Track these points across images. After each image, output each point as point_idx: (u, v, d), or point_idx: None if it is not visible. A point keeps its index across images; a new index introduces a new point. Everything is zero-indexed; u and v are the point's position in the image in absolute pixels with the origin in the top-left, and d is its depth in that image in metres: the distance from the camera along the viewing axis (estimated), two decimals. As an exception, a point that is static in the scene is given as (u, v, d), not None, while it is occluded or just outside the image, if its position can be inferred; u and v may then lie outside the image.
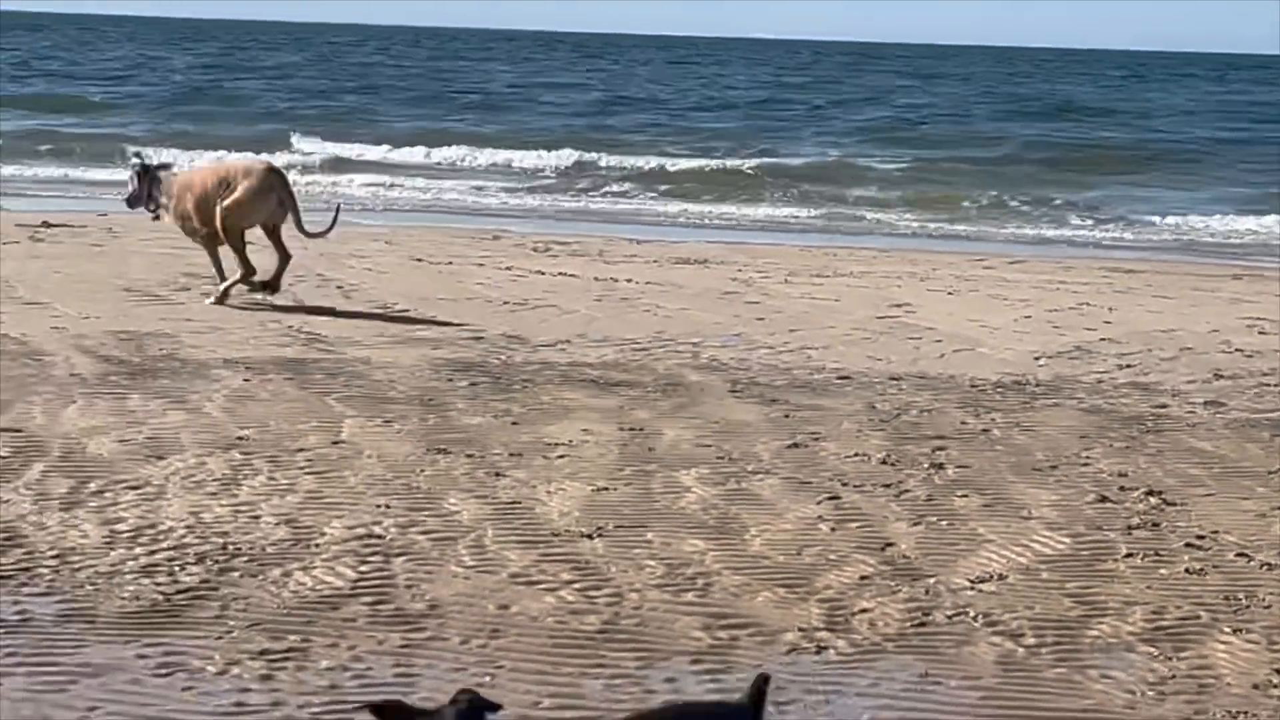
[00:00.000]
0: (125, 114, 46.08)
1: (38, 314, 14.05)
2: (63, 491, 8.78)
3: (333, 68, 77.82)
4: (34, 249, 18.48)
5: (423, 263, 18.58)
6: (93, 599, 7.24)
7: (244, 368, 12.10)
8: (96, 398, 10.96)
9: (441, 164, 36.22)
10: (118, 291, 15.48)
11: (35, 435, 9.90)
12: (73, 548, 7.90)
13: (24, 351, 12.36)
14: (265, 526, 8.34)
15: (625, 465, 9.81)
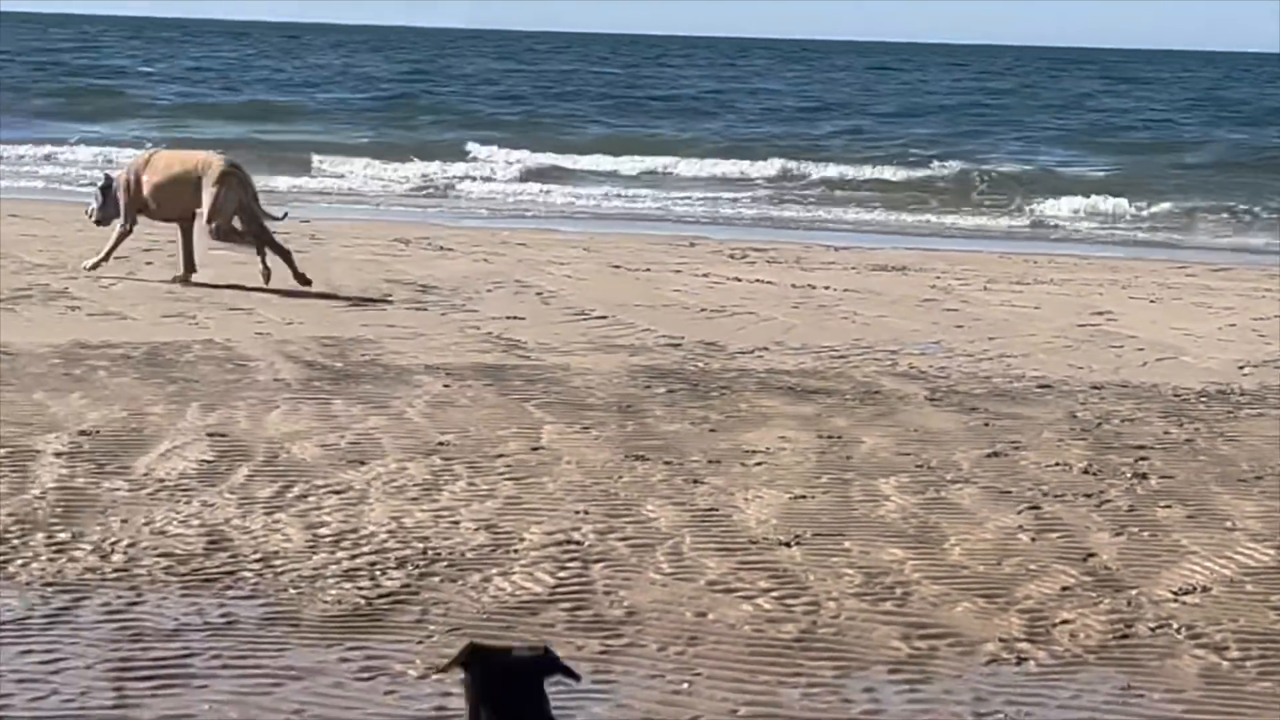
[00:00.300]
0: (321, 121, 46.64)
1: (242, 320, 14.29)
2: (267, 495, 8.91)
3: (533, 75, 78.31)
4: (239, 255, 18.73)
5: (620, 269, 18.65)
6: (296, 602, 7.34)
7: (444, 374, 12.21)
8: (300, 403, 11.11)
9: (639, 171, 36.28)
10: (320, 298, 15.68)
11: (240, 439, 10.05)
12: (276, 551, 8.01)
13: (229, 356, 12.57)
14: (465, 532, 8.41)
15: (823, 473, 9.78)
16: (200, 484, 9.05)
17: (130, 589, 7.39)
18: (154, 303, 14.91)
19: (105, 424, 10.23)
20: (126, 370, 11.87)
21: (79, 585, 7.41)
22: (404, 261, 18.65)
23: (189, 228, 16.47)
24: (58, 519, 8.29)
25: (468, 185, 33.28)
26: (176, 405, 10.83)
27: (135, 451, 9.63)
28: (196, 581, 7.54)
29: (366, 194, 31.25)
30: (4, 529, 8.09)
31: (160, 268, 17.12)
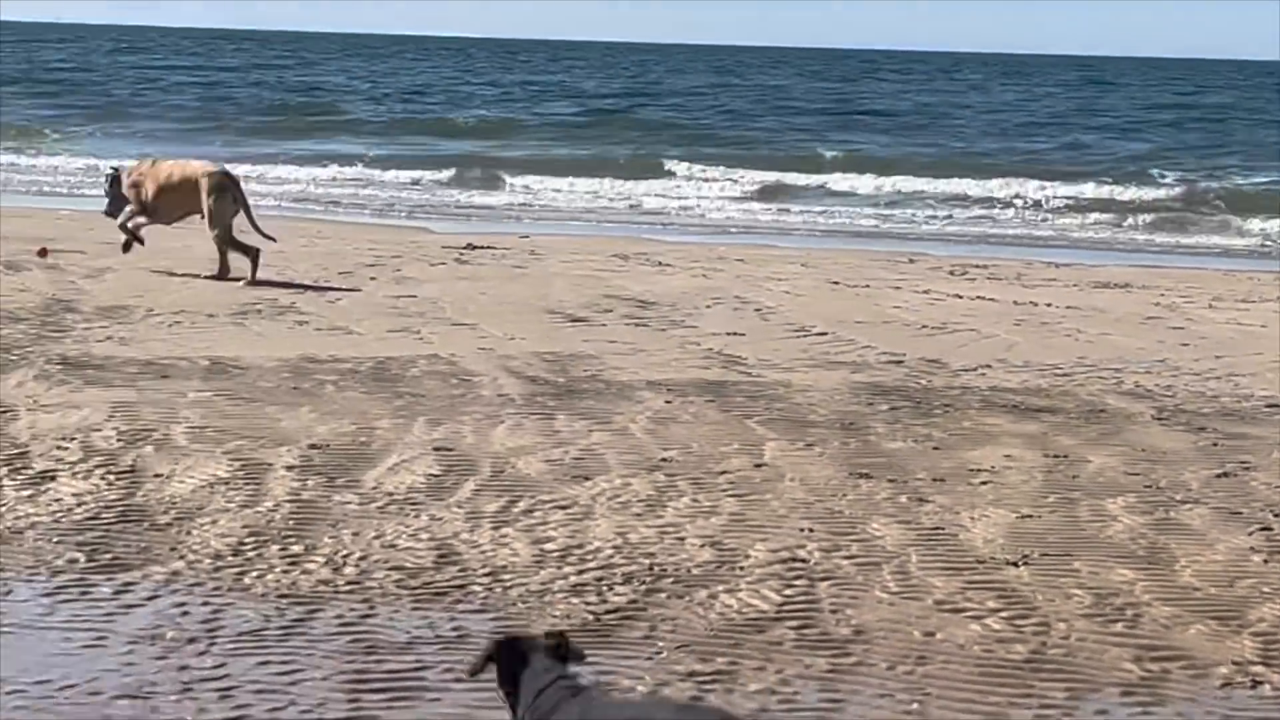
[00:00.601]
0: (536, 136, 46.98)
1: (465, 335, 14.43)
2: (494, 510, 8.99)
3: (746, 89, 78.30)
4: (459, 270, 18.99)
5: (839, 285, 18.60)
6: (525, 617, 7.40)
7: (666, 389, 12.25)
8: (524, 418, 11.20)
9: (853, 187, 36.12)
10: (541, 313, 15.81)
11: (466, 453, 10.15)
12: (504, 565, 8.08)
13: (453, 371, 12.70)
14: (690, 548, 8.42)
15: (1049, 492, 9.68)
16: (428, 498, 9.16)
17: (363, 601, 7.49)
18: (379, 317, 15.11)
19: (334, 438, 10.39)
20: (354, 385, 12.04)
21: (313, 597, 7.52)
22: (623, 277, 18.75)
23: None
24: (291, 532, 8.44)
25: (683, 201, 33.34)
26: (403, 419, 10.97)
27: (364, 465, 9.77)
28: (427, 595, 7.62)
29: (583, 210, 31.43)
30: (239, 541, 8.24)
31: (385, 284, 17.36)
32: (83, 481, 9.18)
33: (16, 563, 7.83)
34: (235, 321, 14.59)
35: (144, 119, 50.39)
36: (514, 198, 33.00)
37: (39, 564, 7.83)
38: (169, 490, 9.06)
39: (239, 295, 16.04)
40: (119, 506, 8.76)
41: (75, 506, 8.73)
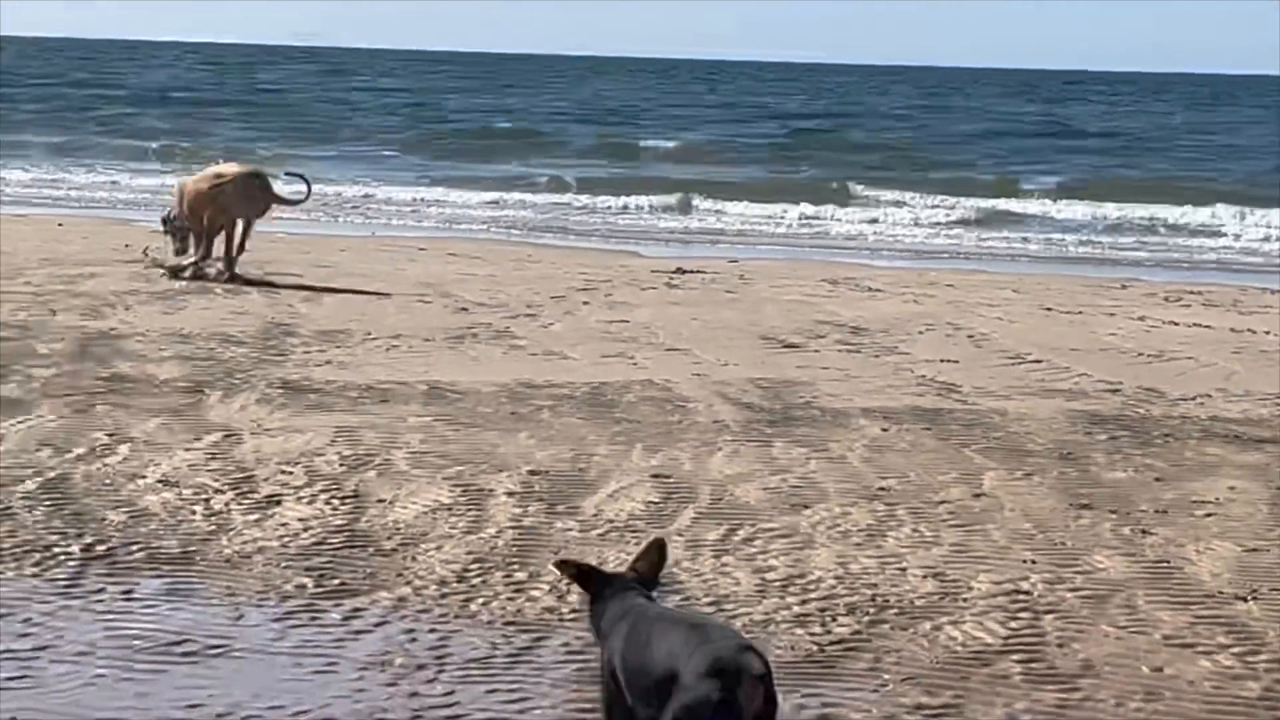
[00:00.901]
0: (740, 158, 47.00)
1: (678, 360, 14.46)
2: (714, 538, 9.00)
3: (946, 111, 77.81)
4: (670, 295, 19.04)
5: (1052, 312, 18.42)
6: (749, 646, 7.39)
7: (881, 417, 12.19)
8: (741, 444, 11.21)
9: (1061, 213, 35.71)
10: (754, 338, 15.81)
11: (684, 481, 10.17)
12: (727, 594, 8.09)
13: (667, 397, 12.73)
14: (913, 579, 8.38)
15: (1276, 525, 9.51)
16: (648, 525, 9.18)
17: (588, 630, 7.52)
18: (592, 342, 15.19)
19: (553, 464, 10.46)
20: (570, 410, 12.11)
21: (538, 625, 7.58)
22: (833, 302, 18.70)
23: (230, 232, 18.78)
24: (514, 558, 8.50)
25: (887, 225, 33.18)
26: (621, 446, 11.02)
27: (583, 492, 9.82)
28: (651, 623, 7.64)
29: (785, 234, 31.37)
30: (464, 567, 8.32)
31: (598, 308, 17.45)
32: (308, 506, 9.32)
33: (246, 587, 7.96)
34: (451, 346, 14.74)
35: (349, 141, 51.05)
36: (721, 222, 32.99)
37: (268, 589, 7.96)
38: (393, 515, 9.17)
39: (455, 320, 16.20)
40: (345, 531, 8.88)
41: (301, 531, 8.86)
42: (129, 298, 16.79)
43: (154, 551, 8.41)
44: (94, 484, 9.57)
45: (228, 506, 9.23)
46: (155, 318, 15.61)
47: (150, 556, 8.34)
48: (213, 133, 50.64)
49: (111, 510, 9.06)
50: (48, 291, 16.94)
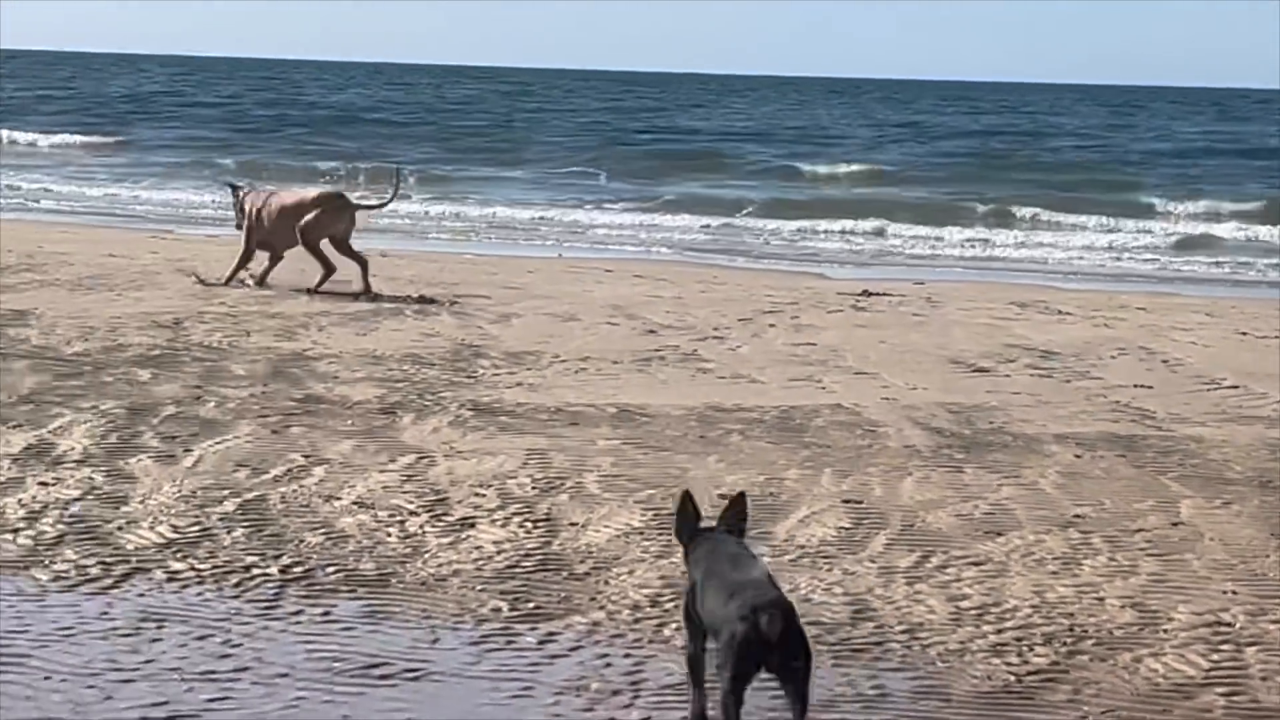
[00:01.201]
0: (898, 181, 46.72)
1: (866, 384, 14.39)
2: (906, 564, 8.94)
3: (1139, 129, 76.88)
4: (857, 317, 18.97)
5: (1247, 336, 18.14)
6: (945, 676, 7.34)
7: (1074, 443, 12.06)
8: (931, 470, 11.13)
9: (1255, 236, 35.16)
10: (942, 362, 15.70)
11: (875, 507, 10.12)
12: (921, 623, 8.03)
13: (856, 422, 12.67)
14: (1110, 609, 8.27)
15: None
16: (840, 551, 9.15)
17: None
18: (780, 365, 15.16)
19: (743, 488, 10.41)
20: (759, 434, 12.09)
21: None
22: (1023, 325, 18.54)
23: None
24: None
25: (1077, 249, 32.84)
26: (811, 470, 10.98)
27: (774, 517, 9.79)
28: (845, 651, 7.61)
29: (970, 257, 31.17)
30: (657, 592, 8.31)
31: (785, 330, 17.43)
32: (501, 529, 9.37)
33: (442, 610, 8.02)
34: (640, 368, 14.77)
35: (528, 163, 51.34)
36: (906, 244, 32.85)
37: (464, 611, 8.00)
38: (585, 539, 9.20)
39: (642, 342, 16.24)
40: (538, 555, 8.91)
41: (495, 554, 8.91)
42: (321, 319, 17.00)
43: (351, 573, 8.50)
44: (291, 505, 9.68)
45: (422, 529, 9.31)
46: (348, 339, 15.80)
47: (347, 578, 8.43)
48: (399, 153, 51.19)
49: (309, 531, 9.16)
50: (242, 313, 17.19)
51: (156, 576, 8.34)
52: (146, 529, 9.10)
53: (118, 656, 7.22)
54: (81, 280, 19.29)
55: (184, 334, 15.59)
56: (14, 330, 15.33)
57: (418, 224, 34.11)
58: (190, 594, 8.11)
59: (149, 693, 6.84)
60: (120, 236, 25.12)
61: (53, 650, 7.26)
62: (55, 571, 8.36)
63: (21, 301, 17.27)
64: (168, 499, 9.70)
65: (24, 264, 20.62)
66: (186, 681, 6.97)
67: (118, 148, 53.58)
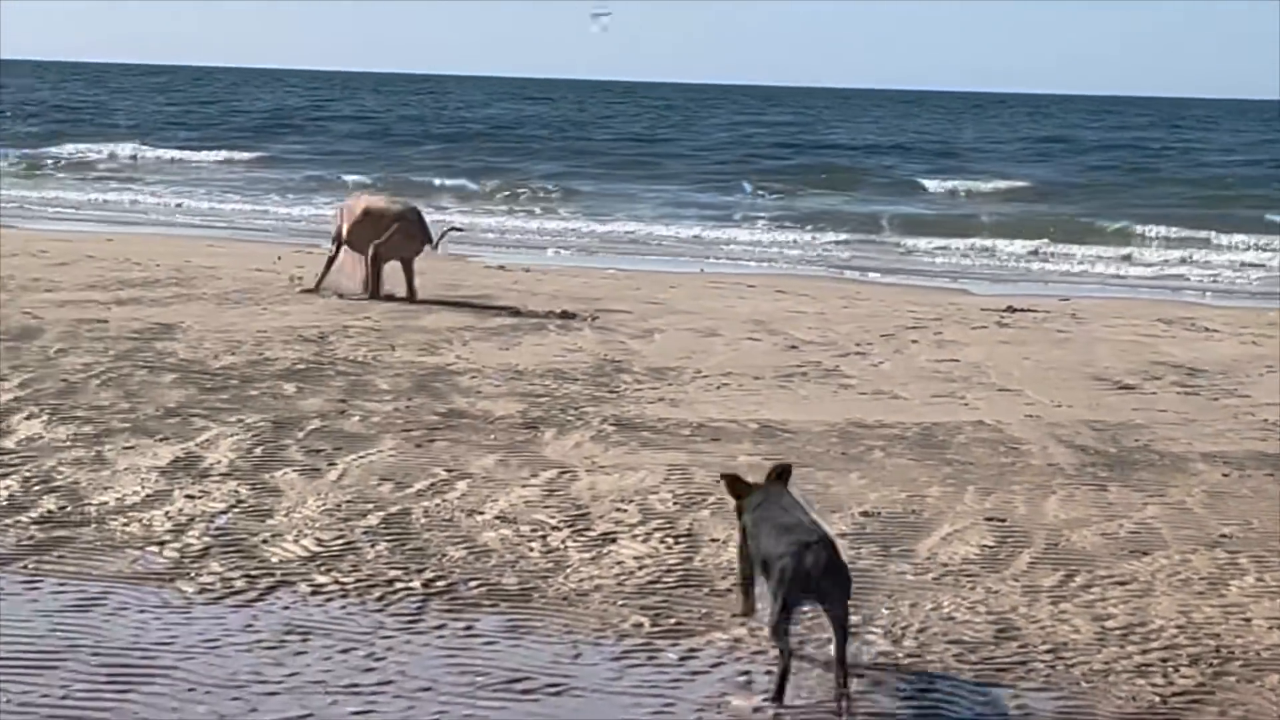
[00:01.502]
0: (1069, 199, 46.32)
1: (1010, 401, 14.29)
2: (1050, 584, 8.87)
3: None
4: (1000, 334, 18.85)
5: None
6: (1089, 697, 7.28)
7: (1221, 462, 11.92)
8: (1075, 488, 11.04)
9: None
10: (1087, 379, 15.57)
11: (1019, 525, 10.05)
12: (1065, 642, 7.96)
13: (1000, 439, 12.59)
14: (1257, 629, 8.18)
15: None
16: (983, 569, 9.09)
17: (923, 675, 7.47)
18: (922, 382, 15.09)
19: (885, 505, 10.41)
20: (901, 451, 12.04)
21: (874, 668, 7.53)
22: (1168, 343, 18.35)
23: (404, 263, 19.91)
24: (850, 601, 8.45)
25: (1220, 265, 32.44)
26: (953, 488, 10.92)
27: (917, 534, 9.75)
28: (989, 670, 7.56)
29: (1114, 276, 30.85)
30: (798, 609, 8.29)
31: (927, 347, 17.35)
32: (643, 544, 9.38)
33: (584, 625, 8.04)
34: (781, 384, 14.75)
35: (670, 178, 51.32)
36: (1049, 261, 32.57)
37: (606, 627, 8.02)
38: (726, 555, 9.18)
39: (784, 358, 16.22)
40: (679, 570, 8.92)
41: (637, 569, 8.92)
42: (465, 334, 17.10)
43: (493, 588, 8.54)
44: (434, 519, 9.75)
45: (564, 544, 9.34)
46: (490, 354, 15.88)
47: (489, 592, 8.47)
48: (541, 168, 51.42)
49: (451, 546, 9.21)
50: (386, 327, 17.33)
51: (301, 589, 8.42)
52: (291, 542, 9.19)
53: (262, 669, 7.30)
54: (228, 294, 19.52)
55: (329, 348, 15.74)
56: (161, 344, 15.53)
57: (559, 239, 34.24)
58: (334, 607, 8.18)
59: (293, 705, 6.90)
60: (264, 251, 25.36)
61: (198, 662, 7.35)
62: (201, 584, 8.46)
63: (169, 315, 17.50)
64: (312, 512, 9.79)
65: (172, 278, 20.90)
66: (330, 694, 7.03)
67: (257, 164, 54.13)
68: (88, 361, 14.35)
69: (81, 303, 18.25)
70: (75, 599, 8.14)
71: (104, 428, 11.81)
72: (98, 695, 6.94)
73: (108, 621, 7.85)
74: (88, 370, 13.91)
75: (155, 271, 21.53)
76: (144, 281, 20.46)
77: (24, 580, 8.41)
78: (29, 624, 7.74)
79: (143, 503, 9.89)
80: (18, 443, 11.28)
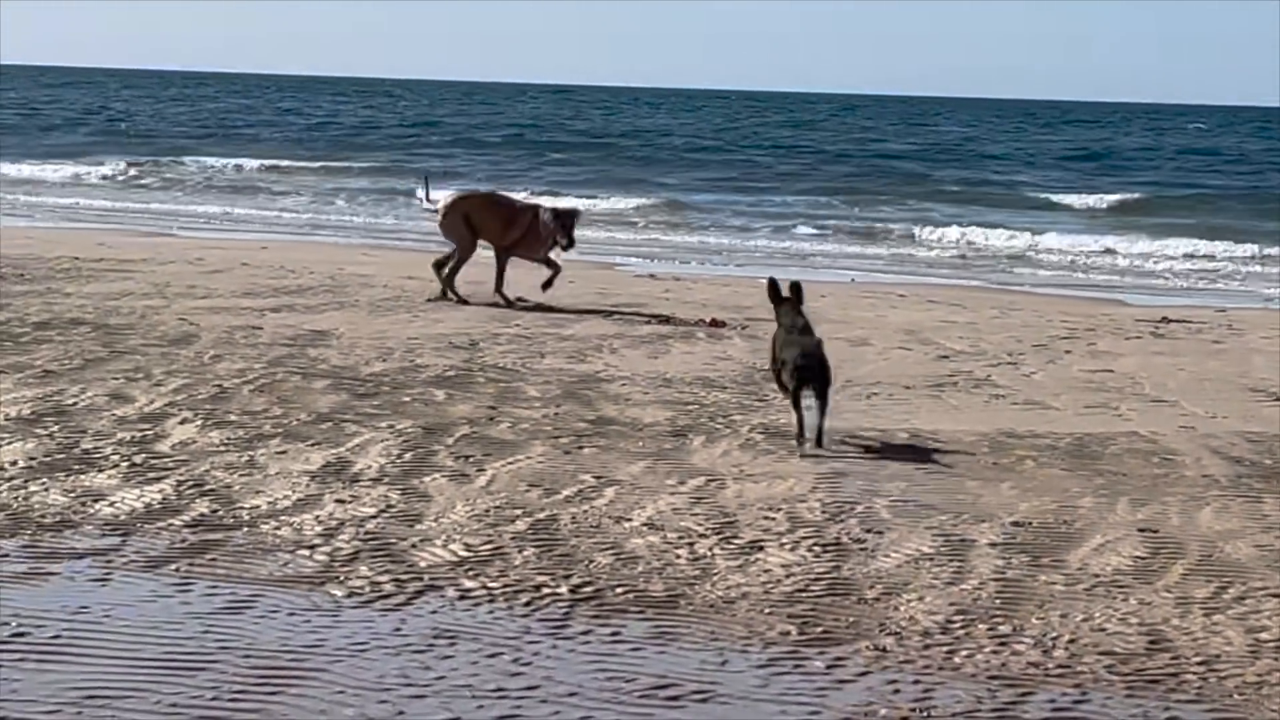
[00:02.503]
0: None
1: (1164, 412, 14.13)
2: (1203, 595, 8.74)
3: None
4: (1155, 344, 18.63)
5: None
6: (1242, 710, 7.16)
7: (1378, 474, 11.71)
8: (1230, 500, 10.88)
9: None
10: (1242, 390, 15.35)
11: (1172, 536, 9.91)
12: (1217, 654, 7.84)
13: (1154, 450, 12.44)
14: None
15: None
16: (1135, 580, 8.97)
17: (1074, 686, 7.38)
18: (1075, 392, 14.94)
19: (1036, 515, 10.30)
20: (1053, 461, 11.92)
21: (1023, 680, 7.45)
22: (1324, 353, 18.07)
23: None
24: (998, 611, 8.38)
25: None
26: (1105, 499, 10.80)
27: (1068, 544, 9.64)
28: (1140, 682, 7.46)
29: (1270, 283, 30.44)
30: (947, 619, 8.23)
31: (1080, 357, 17.18)
32: (790, 552, 9.34)
33: (730, 633, 8.01)
34: (932, 394, 14.66)
35: (816, 191, 51.18)
36: (1206, 271, 32.19)
37: (752, 635, 7.98)
38: (874, 564, 9.14)
39: (935, 367, 16.12)
40: (826, 579, 8.87)
41: (784, 577, 8.88)
42: (615, 341, 17.13)
43: (640, 594, 8.53)
44: (581, 525, 9.76)
45: (711, 551, 9.32)
46: (639, 361, 15.90)
47: (636, 599, 8.46)
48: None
49: (599, 552, 9.22)
50: (536, 334, 17.40)
51: (449, 594, 8.45)
52: (439, 547, 9.23)
53: (410, 672, 7.33)
54: (378, 302, 19.67)
55: (479, 355, 15.82)
56: (315, 350, 15.68)
57: (705, 247, 34.26)
58: (481, 612, 8.20)
59: (439, 709, 6.93)
60: (417, 260, 25.53)
61: (346, 665, 7.39)
62: (350, 587, 8.51)
63: (322, 322, 17.66)
64: (461, 517, 9.83)
65: (324, 285, 21.10)
66: (477, 699, 7.05)
67: (386, 173, 54.44)
68: (241, 367, 14.50)
69: (236, 309, 18.46)
70: (226, 602, 8.22)
71: (256, 432, 11.93)
72: (247, 697, 7.00)
73: (258, 624, 7.92)
74: (241, 376, 14.05)
75: (308, 279, 21.75)
76: (298, 288, 20.67)
77: (176, 583, 8.50)
78: (180, 626, 7.82)
79: (294, 507, 9.98)
80: (171, 447, 11.41)
